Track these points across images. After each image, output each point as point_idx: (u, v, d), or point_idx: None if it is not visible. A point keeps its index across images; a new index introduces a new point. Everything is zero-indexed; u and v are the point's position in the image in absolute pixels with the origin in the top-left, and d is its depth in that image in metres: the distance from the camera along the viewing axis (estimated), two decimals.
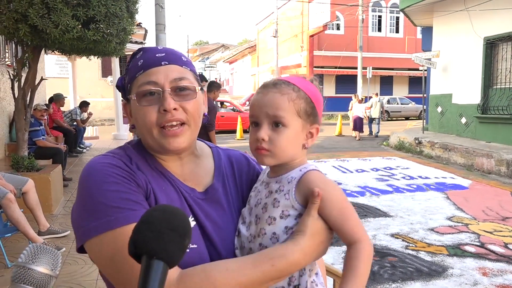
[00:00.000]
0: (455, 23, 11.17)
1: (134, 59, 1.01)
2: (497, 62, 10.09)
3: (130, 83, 0.99)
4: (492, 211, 5.55)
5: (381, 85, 29.52)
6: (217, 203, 1.03)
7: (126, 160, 0.96)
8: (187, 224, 0.69)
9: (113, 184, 0.89)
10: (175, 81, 0.96)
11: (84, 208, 0.89)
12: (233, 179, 1.11)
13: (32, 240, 3.72)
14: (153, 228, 0.65)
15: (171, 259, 0.64)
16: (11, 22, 4.75)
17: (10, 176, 4.16)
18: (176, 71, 0.97)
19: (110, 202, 0.87)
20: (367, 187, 7.01)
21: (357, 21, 24.95)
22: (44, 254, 0.65)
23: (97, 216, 0.86)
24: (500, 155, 8.21)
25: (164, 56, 0.98)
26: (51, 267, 0.64)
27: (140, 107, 0.95)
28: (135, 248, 0.65)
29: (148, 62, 0.97)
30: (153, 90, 0.95)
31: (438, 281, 3.50)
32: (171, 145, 0.95)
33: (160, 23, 9.38)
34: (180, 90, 0.96)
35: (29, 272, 0.64)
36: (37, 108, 6.81)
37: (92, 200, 0.88)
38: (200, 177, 1.05)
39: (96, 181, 0.89)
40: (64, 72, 15.50)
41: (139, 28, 17.92)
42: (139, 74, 0.97)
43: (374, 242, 4.39)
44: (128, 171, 0.93)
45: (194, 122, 0.98)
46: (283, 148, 0.97)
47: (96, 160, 0.95)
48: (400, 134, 12.90)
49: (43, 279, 0.65)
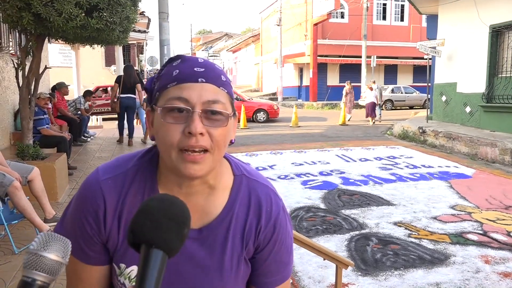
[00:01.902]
0: (461, 11, 11.06)
1: (170, 65, 0.91)
2: (503, 50, 9.99)
3: (159, 92, 0.90)
4: (495, 200, 5.56)
5: (385, 74, 29.35)
6: (209, 247, 0.94)
7: (113, 193, 0.93)
8: (186, 213, 0.69)
9: (77, 223, 0.94)
10: (208, 103, 0.86)
11: (67, 210, 0.99)
12: (243, 223, 0.96)
13: (38, 227, 3.77)
14: (151, 217, 0.65)
15: (170, 248, 0.65)
16: (14, 10, 4.75)
17: (16, 164, 4.19)
18: (212, 91, 0.87)
19: (70, 232, 0.94)
20: (371, 176, 7.02)
21: (361, 9, 24.71)
22: (55, 242, 0.67)
23: (64, 226, 0.97)
24: (504, 144, 8.18)
25: (202, 72, 0.88)
26: (62, 255, 0.66)
27: (164, 123, 0.86)
28: (134, 238, 0.66)
29: (183, 74, 0.87)
30: (182, 108, 0.85)
31: (441, 268, 3.52)
32: (187, 170, 0.85)
33: (163, 12, 9.34)
34: (212, 113, 0.86)
35: (40, 259, 0.65)
36: (41, 97, 6.83)
37: (67, 217, 0.97)
38: (203, 213, 0.95)
39: (73, 209, 0.96)
40: (67, 61, 15.48)
41: (142, 16, 17.85)
42: (171, 86, 0.87)
43: (377, 230, 4.42)
44: (96, 219, 0.93)
45: (219, 151, 0.88)
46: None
47: (89, 184, 0.95)
48: (404, 123, 12.86)
49: (54, 266, 0.66)
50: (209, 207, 0.95)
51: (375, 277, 3.38)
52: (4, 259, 3.45)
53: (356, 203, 5.43)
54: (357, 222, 4.69)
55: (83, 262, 0.94)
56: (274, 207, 0.98)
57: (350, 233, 4.35)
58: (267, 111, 17.22)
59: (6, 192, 3.62)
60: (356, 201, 5.50)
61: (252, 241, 0.96)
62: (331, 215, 4.89)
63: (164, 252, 0.64)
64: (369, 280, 3.33)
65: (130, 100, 9.12)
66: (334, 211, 5.05)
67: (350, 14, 27.17)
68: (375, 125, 15.47)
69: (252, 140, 11.66)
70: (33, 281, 0.64)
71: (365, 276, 3.40)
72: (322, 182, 6.57)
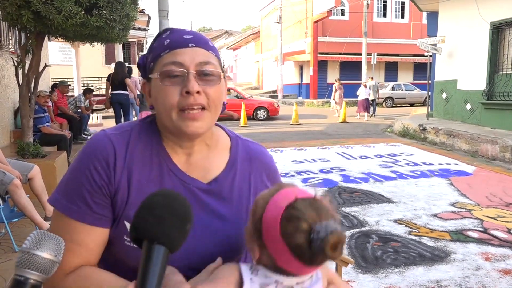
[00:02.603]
0: (461, 8, 11.03)
1: (160, 38, 0.98)
2: (504, 47, 9.97)
3: (153, 62, 0.97)
4: (495, 197, 5.55)
5: (385, 71, 29.31)
6: (221, 197, 1.00)
7: (121, 144, 0.95)
8: (188, 209, 0.69)
9: (84, 176, 0.92)
10: (200, 64, 0.93)
11: (64, 178, 0.97)
12: (247, 175, 1.06)
13: (38, 225, 3.78)
14: (154, 213, 0.65)
15: (172, 243, 0.65)
16: (14, 8, 4.74)
17: (16, 162, 4.19)
18: (202, 54, 0.95)
19: (72, 189, 0.93)
20: (371, 173, 7.02)
21: (361, 6, 24.65)
22: (48, 240, 0.66)
23: (61, 192, 0.94)
24: (505, 141, 8.17)
25: (191, 38, 0.96)
26: (54, 253, 0.66)
27: (163, 87, 0.93)
28: (136, 233, 0.65)
29: (175, 42, 0.95)
30: (177, 71, 0.92)
31: (441, 266, 3.52)
32: (188, 128, 0.92)
33: (163, 9, 9.31)
34: (205, 74, 0.94)
35: (33, 257, 0.65)
36: (40, 95, 6.82)
37: (68, 177, 0.95)
38: (206, 170, 1.01)
39: (78, 163, 0.95)
40: (67, 59, 15.46)
41: (142, 14, 17.81)
42: (165, 54, 0.94)
43: (377, 228, 4.42)
44: (106, 167, 0.92)
45: (215, 109, 0.96)
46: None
47: (95, 140, 0.96)
48: (404, 120, 12.85)
49: (47, 264, 0.66)
50: (211, 165, 1.02)
51: (376, 275, 3.38)
52: (4, 257, 3.45)
53: (356, 200, 5.43)
54: (357, 219, 4.69)
55: (85, 222, 0.91)
56: (271, 161, 1.13)
57: (351, 230, 4.35)
58: (268, 108, 17.22)
59: (7, 190, 3.62)
60: (356, 199, 5.50)
61: (257, 192, 1.01)
62: None
63: (167, 247, 0.64)
64: (370, 278, 3.33)
65: (120, 96, 9.53)
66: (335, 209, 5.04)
67: (351, 11, 27.11)
68: (374, 123, 15.45)
69: (252, 138, 11.49)
70: (25, 279, 0.64)
71: (365, 273, 3.40)
72: (323, 180, 6.57)
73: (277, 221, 0.73)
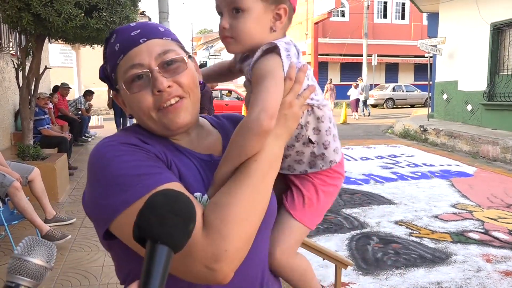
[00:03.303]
0: (462, 9, 11.03)
1: (109, 44, 0.92)
2: (504, 48, 9.97)
3: (113, 72, 0.91)
4: (496, 198, 5.54)
5: (386, 73, 29.32)
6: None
7: (136, 136, 0.89)
8: (191, 208, 0.68)
9: (129, 154, 0.82)
10: (160, 56, 0.87)
11: (103, 187, 0.80)
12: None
13: (38, 228, 3.77)
14: (156, 212, 0.64)
15: (175, 243, 0.64)
16: (14, 10, 4.76)
17: (16, 164, 4.20)
18: (158, 45, 0.89)
19: (132, 171, 0.80)
20: (372, 174, 7.01)
21: (362, 7, 24.68)
22: (40, 246, 0.65)
23: (123, 189, 0.78)
24: (506, 142, 8.16)
25: (140, 33, 0.89)
26: (46, 259, 0.65)
27: (132, 95, 0.87)
28: (140, 232, 0.65)
29: (125, 44, 0.88)
30: (140, 73, 0.86)
31: (442, 267, 3.51)
32: (174, 122, 0.88)
33: (164, 11, 9.32)
34: (168, 64, 0.88)
35: (25, 263, 0.64)
36: (40, 97, 6.83)
37: (111, 175, 0.80)
38: (212, 144, 0.99)
39: (109, 158, 0.82)
40: (68, 61, 15.49)
41: (142, 16, 17.82)
42: (120, 60, 0.89)
43: (378, 229, 4.41)
44: (141, 144, 0.86)
45: (193, 93, 0.91)
46: (245, 33, 0.91)
47: (104, 141, 0.89)
48: (405, 121, 12.84)
49: (38, 270, 0.65)
50: (212, 139, 1.01)
51: (376, 276, 3.37)
52: (4, 260, 3.45)
53: (357, 202, 5.42)
54: (358, 221, 4.68)
55: (174, 180, 0.81)
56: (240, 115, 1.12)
57: (351, 232, 4.34)
58: None
59: (7, 192, 3.62)
60: (357, 200, 5.49)
61: None
62: (332, 214, 4.88)
63: (170, 247, 0.64)
64: (370, 280, 3.32)
65: None
66: (335, 210, 5.03)
67: (351, 13, 27.13)
68: (375, 124, 15.45)
69: None
70: (16, 286, 0.63)
71: (366, 275, 3.39)
72: None
73: None
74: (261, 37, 0.92)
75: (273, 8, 0.93)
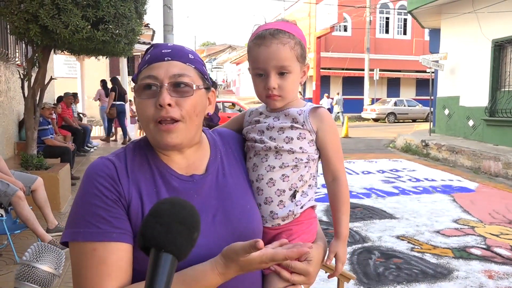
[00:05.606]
0: (463, 25, 11.12)
1: (146, 54, 1.03)
2: (505, 64, 10.02)
3: (136, 77, 1.02)
4: (498, 214, 5.53)
5: (388, 87, 29.40)
6: (224, 174, 1.08)
7: (119, 163, 0.98)
8: (196, 217, 0.69)
9: (94, 196, 0.93)
10: (174, 77, 0.96)
11: (71, 212, 0.96)
12: (231, 152, 1.15)
13: (40, 237, 3.77)
14: (161, 221, 0.65)
15: (180, 252, 0.64)
16: (22, 22, 4.82)
17: (20, 174, 4.22)
18: (177, 67, 0.97)
19: (85, 214, 0.92)
20: (373, 189, 7.00)
21: (364, 22, 24.87)
22: (48, 253, 0.65)
23: (74, 224, 0.93)
24: (507, 158, 8.16)
25: (169, 52, 0.99)
26: (54, 266, 0.65)
27: (139, 100, 0.98)
28: (144, 241, 0.66)
29: (153, 57, 0.99)
30: (151, 84, 0.96)
31: (444, 283, 3.49)
32: (163, 139, 0.96)
33: (168, 24, 9.42)
34: (178, 86, 0.96)
35: (33, 270, 0.64)
36: (45, 107, 6.88)
37: (76, 207, 0.95)
38: (202, 162, 1.06)
39: (83, 189, 0.95)
40: (72, 72, 15.59)
41: (147, 28, 17.99)
42: (144, 68, 0.99)
43: (379, 244, 4.39)
44: (112, 182, 0.94)
45: (190, 120, 0.98)
46: (290, 91, 1.11)
47: (93, 165, 0.98)
48: (406, 136, 12.85)
49: (46, 277, 0.65)
50: (203, 156, 1.08)
51: None
52: (6, 269, 3.45)
53: (358, 216, 5.41)
54: (359, 235, 4.67)
55: (111, 240, 0.90)
56: (231, 132, 1.22)
57: (353, 246, 4.33)
58: None
59: (10, 201, 3.64)
60: (358, 214, 5.48)
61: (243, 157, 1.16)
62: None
63: (174, 256, 0.64)
64: None
65: (122, 106, 10.89)
66: None
67: (353, 28, 27.34)
68: (377, 138, 15.45)
69: None
70: None
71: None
72: (325, 195, 6.52)
73: None
74: (296, 92, 1.15)
75: (302, 66, 1.13)
